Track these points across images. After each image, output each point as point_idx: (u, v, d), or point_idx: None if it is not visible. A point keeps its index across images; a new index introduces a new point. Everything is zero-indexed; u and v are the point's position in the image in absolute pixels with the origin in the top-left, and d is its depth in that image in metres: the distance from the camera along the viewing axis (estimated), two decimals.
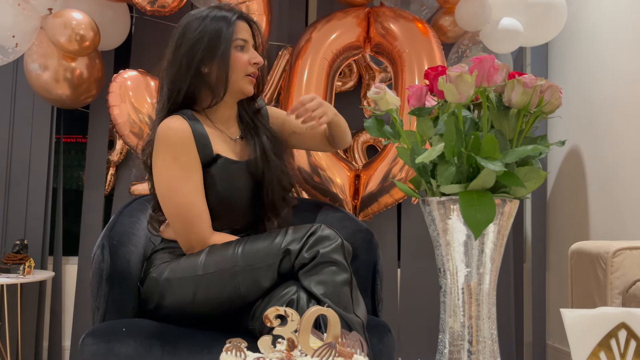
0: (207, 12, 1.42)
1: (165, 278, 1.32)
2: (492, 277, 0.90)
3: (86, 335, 1.26)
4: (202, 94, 1.43)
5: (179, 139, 1.35)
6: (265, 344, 0.73)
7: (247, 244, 1.28)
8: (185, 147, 1.35)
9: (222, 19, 1.40)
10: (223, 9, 1.43)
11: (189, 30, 1.40)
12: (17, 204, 2.37)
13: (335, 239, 1.24)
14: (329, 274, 1.20)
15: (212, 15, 1.40)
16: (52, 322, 2.38)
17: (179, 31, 1.42)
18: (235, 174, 1.42)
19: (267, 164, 1.44)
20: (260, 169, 1.43)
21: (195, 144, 1.36)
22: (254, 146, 1.46)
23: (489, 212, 0.82)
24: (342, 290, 1.20)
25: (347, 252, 1.26)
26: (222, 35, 1.38)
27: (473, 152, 0.84)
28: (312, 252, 1.22)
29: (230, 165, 1.41)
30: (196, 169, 1.37)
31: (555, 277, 2.63)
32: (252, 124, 1.51)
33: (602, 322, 0.77)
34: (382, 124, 0.96)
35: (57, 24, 2.08)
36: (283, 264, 1.24)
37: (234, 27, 1.40)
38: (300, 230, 1.26)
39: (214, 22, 1.39)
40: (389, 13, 2.30)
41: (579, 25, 2.50)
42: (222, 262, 1.27)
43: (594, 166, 2.36)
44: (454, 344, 0.89)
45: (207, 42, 1.38)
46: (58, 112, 2.45)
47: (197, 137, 1.37)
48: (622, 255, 1.47)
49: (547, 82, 0.88)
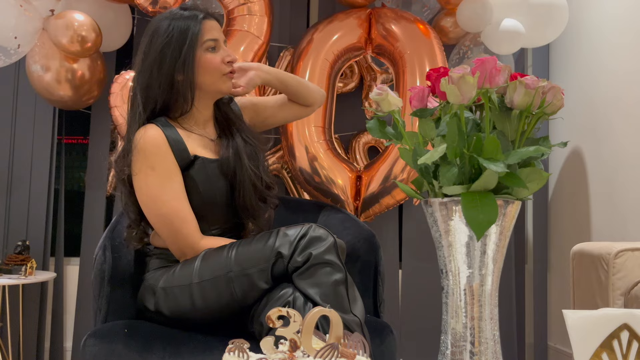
0: (170, 15, 1.38)
1: (161, 287, 1.31)
2: (494, 278, 0.90)
3: (88, 336, 1.26)
4: (176, 103, 1.40)
5: (154, 147, 1.32)
6: (267, 344, 0.73)
7: (240, 247, 1.27)
8: (161, 155, 1.33)
9: (187, 20, 1.37)
10: (187, 9, 1.40)
11: (154, 37, 1.37)
12: (18, 205, 2.37)
13: (328, 238, 1.22)
14: (323, 275, 1.19)
15: (176, 18, 1.37)
16: (53, 323, 2.38)
17: (146, 41, 1.38)
18: (214, 173, 1.40)
19: (239, 163, 1.40)
20: (231, 168, 1.40)
21: (171, 150, 1.34)
22: (227, 146, 1.43)
23: (491, 213, 0.82)
24: (338, 290, 1.19)
25: (341, 251, 1.24)
26: (187, 39, 1.35)
27: (475, 153, 0.84)
28: (304, 254, 1.20)
29: (209, 165, 1.39)
30: (175, 175, 1.35)
31: (557, 278, 2.63)
32: (227, 125, 1.49)
33: (604, 323, 0.77)
34: (384, 125, 0.96)
35: (59, 25, 2.09)
36: (276, 267, 1.23)
37: (200, 28, 1.37)
38: (291, 232, 1.24)
39: (179, 26, 1.36)
40: (390, 14, 2.30)
41: (580, 27, 2.50)
42: (216, 268, 1.26)
43: (596, 167, 2.36)
44: (456, 345, 0.89)
45: (174, 48, 1.35)
46: (60, 113, 2.45)
47: (172, 142, 1.35)
48: (624, 257, 1.47)
49: (549, 84, 0.88)
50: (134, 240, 1.41)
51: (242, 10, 2.16)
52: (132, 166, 1.34)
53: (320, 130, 2.23)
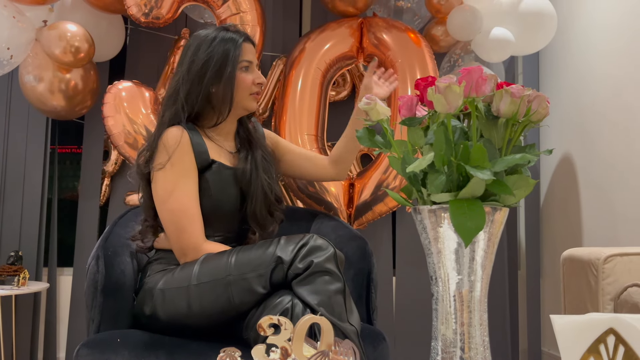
0: (215, 33, 1.49)
1: (160, 289, 1.33)
2: (483, 284, 0.91)
3: (81, 346, 1.26)
4: (207, 114, 1.51)
5: (177, 145, 1.41)
6: (258, 352, 0.74)
7: (240, 253, 1.30)
8: (183, 153, 1.41)
9: (229, 41, 1.48)
10: (230, 31, 1.51)
11: (199, 51, 1.47)
12: (11, 215, 2.37)
13: (328, 248, 1.26)
14: (322, 283, 1.22)
15: (220, 37, 1.48)
16: (46, 333, 2.37)
17: (190, 52, 1.49)
18: (227, 179, 1.47)
19: (255, 175, 1.50)
20: (247, 178, 1.48)
21: (192, 151, 1.43)
22: (245, 157, 1.52)
23: (479, 220, 0.83)
24: (336, 299, 1.21)
25: (340, 262, 1.28)
26: (229, 58, 1.47)
27: (462, 161, 0.85)
28: (305, 262, 1.23)
29: (224, 171, 1.47)
30: (192, 174, 1.42)
31: (550, 284, 2.64)
32: (248, 139, 1.58)
33: (591, 328, 0.78)
34: (374, 134, 0.97)
35: (52, 36, 2.10)
36: (275, 274, 1.25)
37: (240, 50, 1.49)
38: (293, 240, 1.27)
39: (222, 44, 1.47)
40: (382, 23, 2.32)
41: (569, 35, 2.53)
42: (215, 272, 1.28)
43: (586, 173, 2.38)
44: (447, 351, 0.89)
45: (215, 64, 1.46)
46: (53, 122, 2.46)
47: (195, 145, 1.44)
48: (613, 262, 1.48)
49: (534, 92, 0.90)
50: (149, 233, 1.48)
51: (234, 20, 2.18)
52: (155, 160, 1.42)
53: (313, 138, 2.24)
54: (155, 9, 2.13)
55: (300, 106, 2.23)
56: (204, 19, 2.49)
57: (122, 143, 2.15)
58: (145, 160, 1.45)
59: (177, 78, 1.48)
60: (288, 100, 2.24)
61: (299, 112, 2.21)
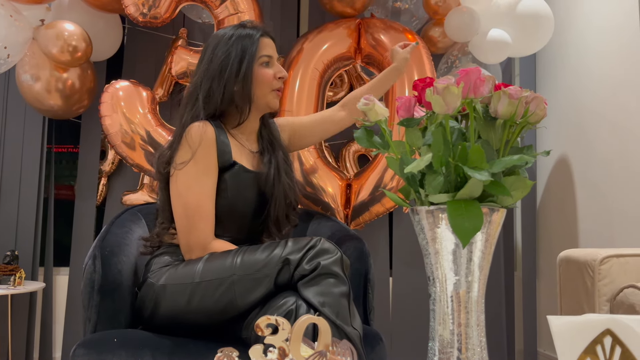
0: (232, 31, 1.50)
1: (162, 284, 1.33)
2: (480, 285, 0.91)
3: (77, 346, 1.26)
4: (230, 113, 1.50)
5: (200, 140, 1.40)
6: (256, 352, 0.74)
7: (247, 253, 1.30)
8: (206, 150, 1.41)
9: (246, 37, 1.48)
10: (247, 27, 1.50)
11: (217, 50, 1.47)
12: (7, 215, 2.36)
13: (335, 252, 1.27)
14: (328, 285, 1.22)
15: (237, 35, 1.48)
16: (42, 333, 2.36)
17: (208, 52, 1.49)
18: (246, 182, 1.47)
19: (278, 179, 1.50)
20: (270, 182, 1.48)
21: (216, 149, 1.42)
22: (269, 161, 1.52)
23: (476, 220, 0.84)
24: (341, 302, 1.22)
25: (345, 266, 1.28)
26: (246, 54, 1.46)
27: (460, 162, 0.85)
28: (313, 263, 1.24)
29: (243, 174, 1.46)
30: (212, 173, 1.42)
31: (546, 285, 2.65)
32: (270, 140, 1.58)
33: (587, 329, 0.78)
34: (372, 135, 0.98)
35: (50, 35, 2.09)
36: (281, 275, 1.25)
37: (258, 45, 1.48)
38: (300, 242, 1.28)
39: (239, 41, 1.47)
40: (380, 24, 2.32)
41: (566, 36, 2.54)
42: (220, 270, 1.28)
43: (583, 174, 2.39)
44: (444, 351, 0.90)
45: (233, 61, 1.46)
46: (50, 122, 2.45)
47: (219, 143, 1.43)
48: (609, 263, 1.48)
49: (532, 94, 0.90)
50: (164, 235, 1.47)
51: (232, 20, 2.18)
52: (177, 160, 1.41)
53: None
54: (153, 8, 2.12)
55: (297, 106, 2.23)
56: (201, 19, 2.48)
57: (119, 143, 2.14)
58: (165, 160, 1.44)
59: (196, 78, 1.48)
60: (286, 101, 2.24)
61: (297, 112, 2.21)
